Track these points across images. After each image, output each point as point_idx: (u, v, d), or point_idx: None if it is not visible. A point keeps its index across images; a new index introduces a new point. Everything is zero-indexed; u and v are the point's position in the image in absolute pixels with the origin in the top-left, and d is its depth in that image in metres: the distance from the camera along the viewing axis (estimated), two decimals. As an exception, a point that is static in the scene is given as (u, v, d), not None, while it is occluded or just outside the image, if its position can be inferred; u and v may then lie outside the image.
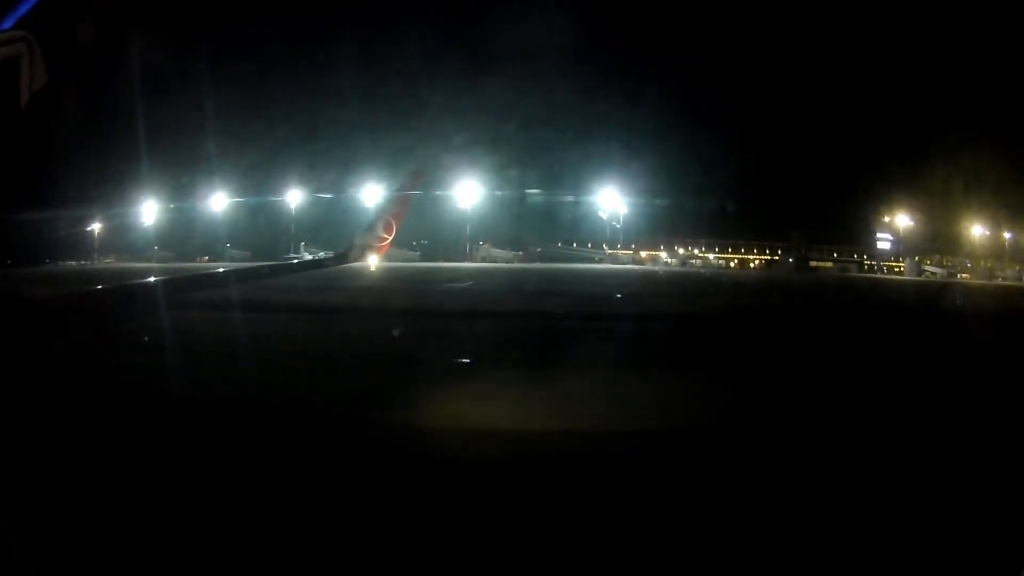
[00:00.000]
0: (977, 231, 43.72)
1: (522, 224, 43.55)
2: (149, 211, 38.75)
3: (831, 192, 42.50)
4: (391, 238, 9.16)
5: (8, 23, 3.83)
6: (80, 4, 4.38)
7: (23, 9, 3.81)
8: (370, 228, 9.22)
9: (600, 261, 45.88)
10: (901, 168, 40.48)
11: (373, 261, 10.19)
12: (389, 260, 41.44)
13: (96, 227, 39.93)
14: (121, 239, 43.24)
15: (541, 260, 44.80)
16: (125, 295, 5.74)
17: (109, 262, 41.15)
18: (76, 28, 4.31)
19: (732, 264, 47.94)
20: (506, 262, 43.48)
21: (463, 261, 43.05)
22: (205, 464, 5.15)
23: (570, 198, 42.60)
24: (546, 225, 45.59)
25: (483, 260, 43.97)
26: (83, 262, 38.51)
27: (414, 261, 43.14)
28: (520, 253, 46.17)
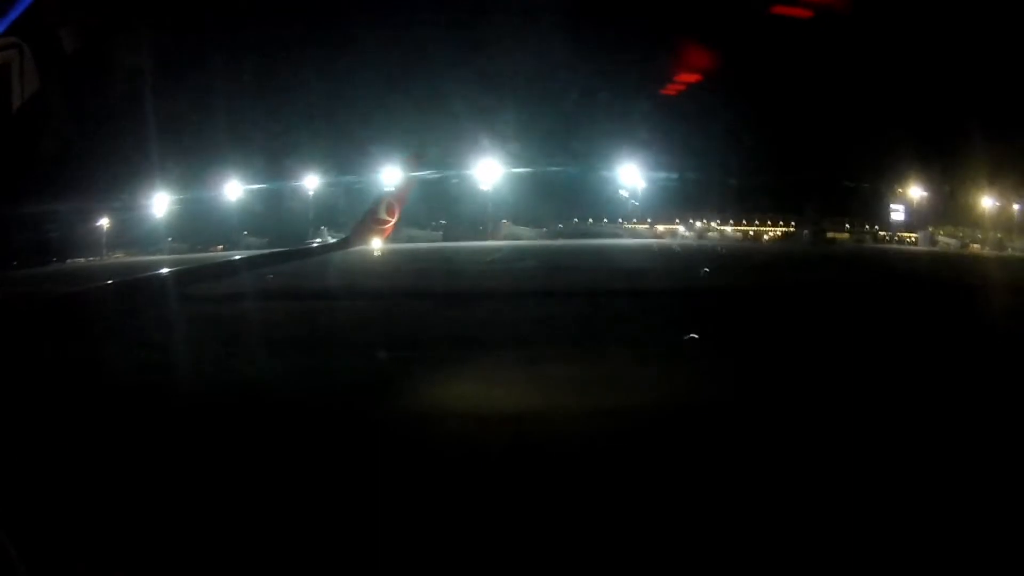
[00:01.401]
0: (988, 202, 44.32)
1: (539, 201, 43.45)
2: (158, 204, 38.23)
3: (844, 163, 42.80)
4: (395, 220, 8.95)
5: None
6: (71, 8, 4.27)
7: (13, 15, 3.75)
8: (372, 211, 8.99)
9: (618, 236, 45.94)
10: (913, 139, 40.72)
11: (377, 244, 10.02)
12: (412, 241, 41.22)
13: (103, 223, 39.33)
14: (130, 233, 42.49)
15: (564, 237, 44.78)
16: (124, 292, 5.84)
17: (118, 257, 40.44)
18: (72, 29, 4.21)
19: (748, 236, 48.16)
20: (530, 239, 43.40)
21: (487, 239, 42.88)
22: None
23: (586, 174, 42.54)
24: (562, 201, 45.59)
25: (506, 238, 43.83)
26: (91, 258, 37.84)
27: (437, 241, 42.88)
28: (544, 230, 46.06)
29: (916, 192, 45.00)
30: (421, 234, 42.82)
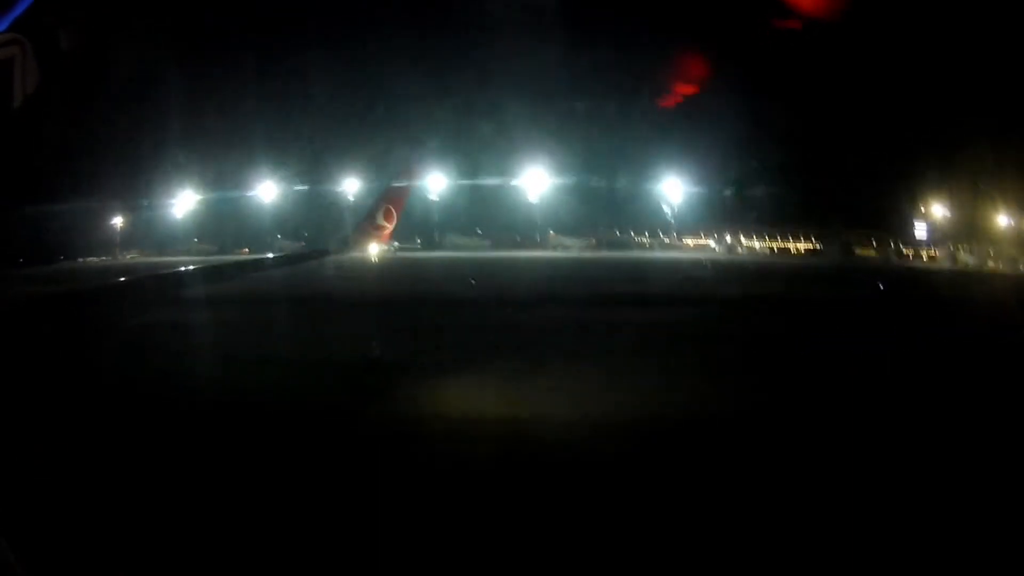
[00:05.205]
0: (1004, 221, 46.08)
1: (582, 212, 44.30)
2: (179, 204, 38.13)
3: (869, 180, 44.30)
4: (392, 227, 9.47)
5: (2, 26, 3.91)
6: (74, 5, 4.38)
7: (16, 12, 3.89)
8: (370, 217, 9.43)
9: (650, 248, 47.07)
10: (936, 156, 42.29)
11: (373, 251, 10.46)
12: (458, 249, 41.61)
13: (115, 222, 38.90)
14: (145, 233, 42.16)
15: (608, 249, 45.68)
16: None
17: (133, 256, 40.23)
18: (75, 26, 4.30)
19: (777, 251, 49.46)
20: (577, 251, 44.23)
21: (535, 250, 43.48)
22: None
23: (624, 187, 43.63)
24: (603, 213, 46.51)
25: (554, 249, 44.59)
26: (104, 258, 37.65)
27: (485, 250, 43.32)
28: (593, 241, 46.90)
29: (938, 210, 46.74)
30: (468, 242, 43.34)
